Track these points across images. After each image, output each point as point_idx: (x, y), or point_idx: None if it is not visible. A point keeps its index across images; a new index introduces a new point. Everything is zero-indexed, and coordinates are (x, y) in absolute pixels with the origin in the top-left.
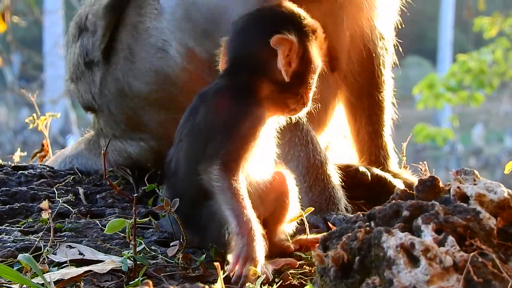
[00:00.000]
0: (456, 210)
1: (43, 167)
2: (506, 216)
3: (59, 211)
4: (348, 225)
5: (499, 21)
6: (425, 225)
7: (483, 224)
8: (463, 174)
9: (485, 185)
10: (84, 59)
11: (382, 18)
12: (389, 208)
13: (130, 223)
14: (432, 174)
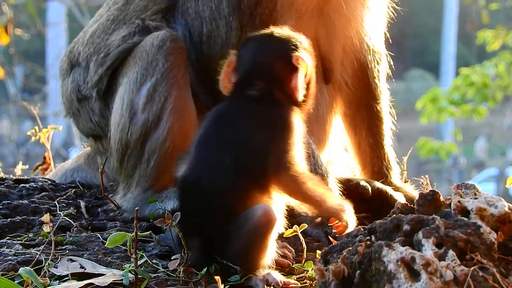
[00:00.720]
0: (457, 224)
1: (44, 180)
2: (507, 230)
3: (60, 225)
4: (349, 239)
5: (502, 34)
6: (426, 239)
7: (483, 238)
8: (464, 188)
9: (486, 199)
10: (77, 96)
11: (372, 31)
12: (389, 222)
13: (131, 237)
14: (434, 187)
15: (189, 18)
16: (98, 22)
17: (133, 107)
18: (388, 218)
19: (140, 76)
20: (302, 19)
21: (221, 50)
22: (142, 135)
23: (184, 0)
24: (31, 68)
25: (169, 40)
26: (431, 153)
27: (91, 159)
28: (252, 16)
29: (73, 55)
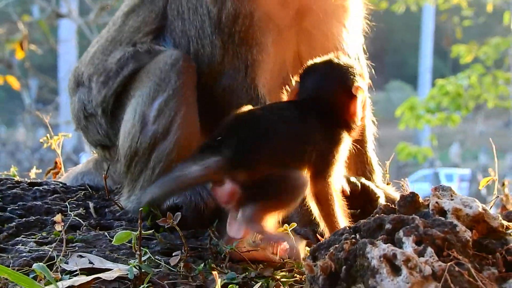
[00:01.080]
0: (435, 224)
1: (56, 183)
2: (481, 229)
3: (71, 224)
4: (336, 237)
5: (475, 48)
6: (406, 237)
7: (459, 236)
8: (441, 190)
9: (461, 201)
10: (83, 113)
11: (349, 46)
12: (373, 221)
13: (135, 235)
14: (412, 190)
15: (176, 37)
16: (98, 43)
17: (144, 119)
18: (371, 218)
19: (153, 91)
20: (282, 34)
21: (208, 67)
22: (151, 144)
23: (171, 20)
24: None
25: (182, 60)
26: (409, 157)
27: (99, 164)
28: (232, 34)
29: (77, 74)
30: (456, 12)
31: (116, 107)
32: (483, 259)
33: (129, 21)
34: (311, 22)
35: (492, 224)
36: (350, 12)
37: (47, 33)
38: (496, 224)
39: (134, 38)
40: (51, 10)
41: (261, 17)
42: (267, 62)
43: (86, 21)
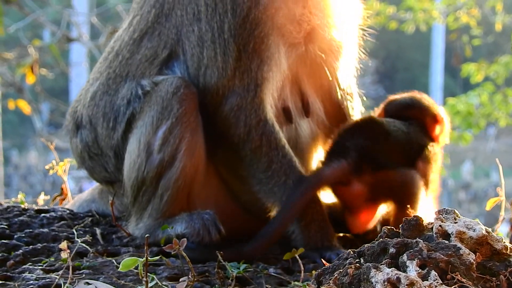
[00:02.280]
0: (439, 247)
1: (63, 210)
2: (484, 252)
3: (78, 250)
4: (340, 262)
5: (485, 67)
6: (410, 261)
7: (463, 259)
8: (444, 214)
9: (465, 223)
10: (88, 154)
11: (344, 74)
12: (377, 245)
13: (142, 261)
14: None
15: (189, 48)
16: (98, 81)
17: (149, 148)
18: (375, 242)
19: (156, 120)
20: (290, 54)
21: (216, 83)
22: (158, 173)
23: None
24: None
25: (183, 87)
26: None
27: (104, 192)
28: (248, 42)
29: (77, 116)
30: (465, 31)
31: (125, 144)
32: (487, 281)
33: (137, 55)
34: (316, 46)
35: (496, 246)
36: (351, 47)
37: (57, 57)
38: (499, 247)
39: (140, 71)
40: (62, 34)
41: (275, 31)
42: (276, 81)
43: (96, 44)
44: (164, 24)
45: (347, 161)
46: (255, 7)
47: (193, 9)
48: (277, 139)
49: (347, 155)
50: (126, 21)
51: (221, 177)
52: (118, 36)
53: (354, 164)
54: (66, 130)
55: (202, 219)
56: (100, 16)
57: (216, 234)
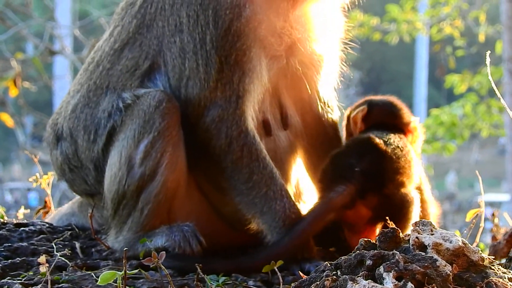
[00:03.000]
0: (415, 259)
1: (42, 223)
2: (461, 263)
3: (57, 264)
4: (317, 274)
5: (468, 78)
6: (387, 273)
7: (439, 271)
8: (421, 225)
9: (441, 235)
10: (68, 166)
11: (324, 87)
12: (353, 257)
13: (121, 275)
14: None
15: (170, 60)
16: (79, 93)
17: (131, 161)
18: (352, 254)
19: (138, 133)
20: (271, 66)
21: (198, 95)
22: (139, 187)
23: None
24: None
25: (165, 101)
26: None
27: (84, 206)
28: (230, 54)
29: (57, 128)
30: (449, 42)
31: (105, 157)
32: None
33: (118, 65)
34: (297, 60)
35: (472, 257)
36: (332, 61)
37: (40, 70)
38: (476, 258)
39: (121, 83)
40: (45, 47)
41: (256, 43)
42: (257, 93)
43: (79, 57)
44: (145, 35)
45: (353, 185)
46: (237, 19)
47: (175, 20)
48: (258, 151)
49: (351, 178)
50: (107, 31)
51: (202, 190)
52: (99, 46)
53: (359, 187)
54: (47, 142)
55: (182, 231)
56: (83, 29)
57: (197, 245)
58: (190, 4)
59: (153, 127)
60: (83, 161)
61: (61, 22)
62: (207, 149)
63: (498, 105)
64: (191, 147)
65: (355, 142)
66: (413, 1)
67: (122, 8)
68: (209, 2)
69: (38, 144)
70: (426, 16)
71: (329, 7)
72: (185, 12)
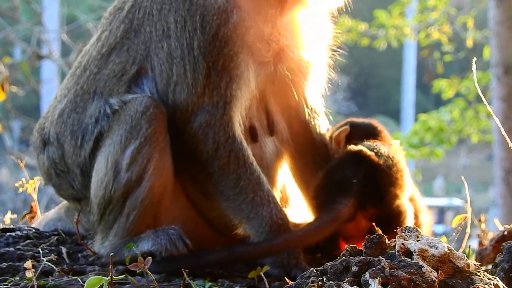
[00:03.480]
0: (401, 265)
1: (29, 229)
2: (447, 269)
3: (43, 269)
4: (303, 280)
5: (456, 83)
6: (372, 279)
7: (425, 277)
8: (407, 232)
9: (427, 241)
10: (55, 171)
11: (312, 93)
12: (339, 264)
13: (107, 280)
14: None
15: (158, 65)
16: (66, 98)
17: (117, 167)
18: (338, 260)
19: (124, 139)
20: (259, 72)
21: (186, 100)
22: (125, 192)
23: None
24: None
25: (152, 107)
26: None
27: (70, 211)
28: (218, 59)
29: (44, 133)
30: (437, 47)
31: (92, 163)
32: None
33: (105, 70)
34: (285, 66)
35: (458, 264)
36: (320, 68)
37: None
38: (462, 264)
39: (108, 88)
40: (32, 52)
41: (244, 49)
42: (245, 99)
43: (67, 61)
44: (133, 40)
45: (354, 197)
46: (224, 25)
47: (162, 26)
48: (245, 156)
49: (351, 190)
50: (95, 36)
51: (188, 195)
52: (86, 51)
53: (360, 199)
54: (33, 147)
55: (167, 234)
56: (70, 34)
57: (184, 247)
58: (178, 9)
59: (139, 133)
60: (69, 166)
61: (48, 27)
62: (194, 154)
63: (486, 111)
64: (178, 152)
65: (347, 155)
66: (401, 6)
67: (110, 13)
68: (197, 7)
69: (25, 149)
70: (414, 22)
71: (317, 14)
72: (172, 17)
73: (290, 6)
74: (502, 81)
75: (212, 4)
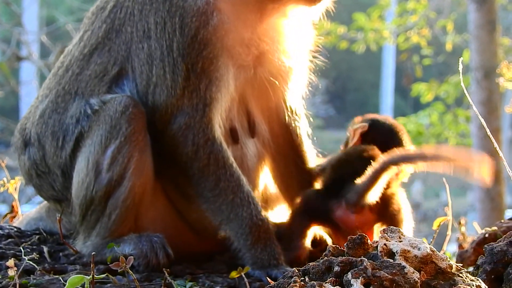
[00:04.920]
0: (383, 265)
1: (11, 227)
2: (429, 270)
3: (25, 268)
4: (285, 280)
5: (435, 87)
6: (355, 280)
7: (407, 277)
8: (389, 232)
9: (410, 242)
10: (36, 172)
11: (293, 96)
12: (321, 264)
13: (89, 279)
14: None
15: (138, 66)
16: (48, 98)
17: (98, 167)
18: (320, 260)
19: (104, 139)
20: (238, 75)
21: (165, 101)
22: (106, 192)
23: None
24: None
25: (132, 106)
26: None
27: (51, 211)
28: (197, 61)
29: (25, 133)
30: (416, 51)
31: (73, 163)
32: None
33: (87, 70)
34: (265, 70)
35: (441, 265)
36: (300, 72)
37: (7, 76)
38: (444, 265)
39: (90, 89)
40: (12, 53)
41: (224, 52)
42: (224, 101)
43: (46, 63)
44: (114, 40)
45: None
46: (203, 28)
47: (143, 26)
48: (224, 158)
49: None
50: (77, 36)
51: (168, 196)
52: (68, 51)
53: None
54: (15, 147)
55: (150, 241)
56: (50, 35)
57: (164, 257)
58: (158, 10)
59: (119, 133)
60: (50, 166)
61: (28, 28)
62: (174, 156)
63: (465, 115)
64: (158, 154)
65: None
66: (380, 9)
67: (92, 13)
68: (176, 9)
69: (4, 150)
70: (393, 25)
71: (298, 20)
72: (153, 18)
73: (269, 14)
74: (481, 85)
75: (191, 6)
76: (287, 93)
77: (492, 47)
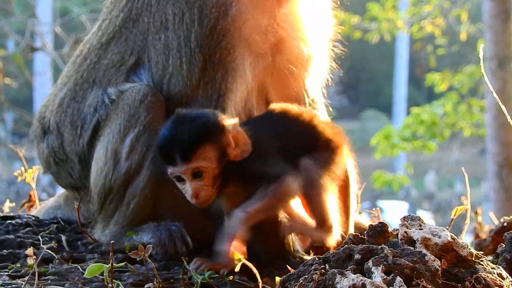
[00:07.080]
0: (404, 253)
1: (29, 216)
2: (450, 258)
3: (43, 257)
4: (305, 268)
5: (449, 77)
6: (375, 267)
7: (428, 265)
8: (410, 220)
9: (430, 230)
10: (54, 160)
11: (312, 84)
12: (342, 252)
13: (107, 268)
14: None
15: (154, 56)
16: (66, 86)
17: (117, 156)
18: (340, 248)
19: (123, 128)
20: (256, 64)
21: (180, 92)
22: (125, 181)
23: (153, 36)
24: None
25: (150, 95)
26: (384, 185)
27: (69, 199)
28: (215, 52)
29: (44, 121)
30: (430, 40)
31: (90, 151)
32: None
33: (104, 59)
34: (284, 58)
35: (461, 253)
36: (320, 60)
37: (21, 67)
38: (465, 253)
39: (107, 78)
40: (26, 44)
41: (241, 42)
42: (240, 91)
43: (60, 54)
44: (131, 30)
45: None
46: (222, 18)
47: (160, 17)
48: None
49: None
50: (96, 25)
51: None
52: (87, 39)
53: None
54: (34, 135)
55: (168, 230)
56: (63, 26)
57: (183, 246)
58: (176, 1)
59: (138, 121)
60: (68, 154)
61: (42, 19)
62: None
63: (479, 104)
64: None
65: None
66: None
67: (111, 2)
68: (195, 0)
69: (18, 141)
70: (407, 15)
71: (317, 5)
72: (171, 9)
73: None
74: (496, 75)
75: None
76: (307, 81)
77: (506, 37)
